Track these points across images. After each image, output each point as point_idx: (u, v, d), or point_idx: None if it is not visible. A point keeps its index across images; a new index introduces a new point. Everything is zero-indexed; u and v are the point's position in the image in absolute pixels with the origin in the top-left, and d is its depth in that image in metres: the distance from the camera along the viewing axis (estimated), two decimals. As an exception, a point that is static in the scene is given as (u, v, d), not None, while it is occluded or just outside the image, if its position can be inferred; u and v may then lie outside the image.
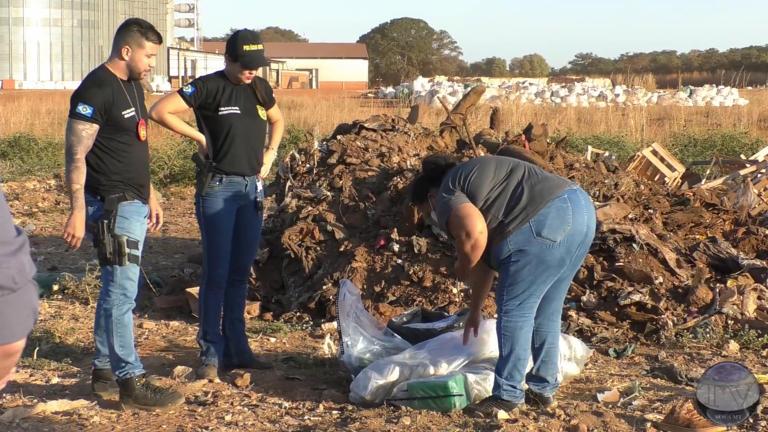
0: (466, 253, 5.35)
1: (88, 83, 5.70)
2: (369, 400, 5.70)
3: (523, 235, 5.28)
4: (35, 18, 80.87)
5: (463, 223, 5.31)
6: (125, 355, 5.74)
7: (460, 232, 5.33)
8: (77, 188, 5.55)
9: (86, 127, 5.58)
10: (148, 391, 5.75)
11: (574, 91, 57.71)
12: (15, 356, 1.82)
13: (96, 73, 5.77)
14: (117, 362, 5.75)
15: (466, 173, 5.43)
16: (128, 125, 5.73)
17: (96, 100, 5.59)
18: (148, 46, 5.74)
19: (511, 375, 5.47)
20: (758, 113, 33.59)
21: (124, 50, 5.71)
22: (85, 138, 5.57)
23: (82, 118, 5.57)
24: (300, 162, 10.01)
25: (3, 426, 5.46)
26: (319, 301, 8.13)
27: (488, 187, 5.39)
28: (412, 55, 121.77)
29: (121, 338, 5.74)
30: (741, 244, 8.60)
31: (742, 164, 14.37)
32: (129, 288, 5.74)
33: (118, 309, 5.72)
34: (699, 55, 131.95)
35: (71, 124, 5.60)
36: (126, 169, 5.73)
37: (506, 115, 26.81)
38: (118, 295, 5.71)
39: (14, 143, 21.62)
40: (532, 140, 10.09)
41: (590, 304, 7.66)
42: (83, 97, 5.60)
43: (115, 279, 5.69)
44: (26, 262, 1.79)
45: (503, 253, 5.34)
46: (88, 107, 5.57)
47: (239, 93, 6.42)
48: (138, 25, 5.79)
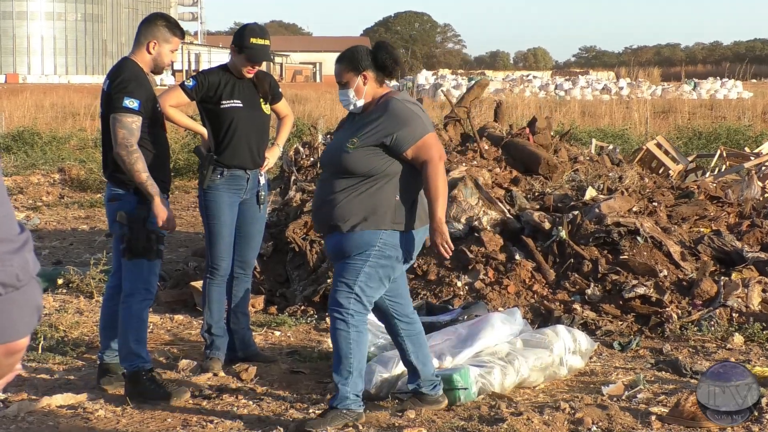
0: (442, 173, 5.11)
1: (128, 77, 5.67)
2: (374, 393, 5.70)
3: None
4: (39, 12, 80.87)
5: (438, 146, 5.17)
6: (138, 349, 5.77)
7: (435, 153, 5.11)
8: (146, 176, 5.55)
9: (135, 120, 5.60)
10: (154, 385, 5.76)
11: (578, 84, 57.67)
12: (19, 354, 1.82)
13: (130, 67, 5.76)
14: (128, 355, 5.76)
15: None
16: (159, 117, 5.82)
17: (140, 94, 5.62)
18: (174, 41, 5.81)
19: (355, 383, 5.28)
20: (762, 106, 33.55)
21: (151, 44, 5.74)
22: (135, 130, 5.59)
23: (130, 111, 5.58)
24: (304, 155, 10.01)
25: (8, 420, 5.47)
26: (324, 295, 8.13)
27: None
28: (416, 49, 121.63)
29: (137, 332, 5.76)
30: (746, 237, 8.58)
31: (746, 157, 14.34)
32: (152, 283, 5.78)
33: (138, 304, 5.74)
34: (703, 48, 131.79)
35: (120, 118, 5.58)
36: (158, 162, 5.75)
37: (510, 108, 26.77)
38: (140, 289, 5.73)
39: (18, 137, 21.62)
40: (536, 133, 10.08)
41: (595, 297, 7.65)
42: (128, 90, 5.60)
43: (141, 274, 5.71)
44: (30, 260, 1.78)
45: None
46: (135, 100, 5.59)
47: (242, 86, 6.41)
48: (165, 19, 5.84)
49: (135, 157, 5.54)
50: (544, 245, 8.14)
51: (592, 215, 8.26)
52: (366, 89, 5.22)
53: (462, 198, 8.40)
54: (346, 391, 5.17)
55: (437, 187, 5.03)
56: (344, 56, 5.31)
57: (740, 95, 49.76)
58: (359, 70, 5.21)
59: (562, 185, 9.27)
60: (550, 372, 6.08)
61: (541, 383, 6.05)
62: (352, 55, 5.27)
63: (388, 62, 5.21)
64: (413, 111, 5.15)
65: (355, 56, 5.24)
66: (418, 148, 5.07)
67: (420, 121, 5.12)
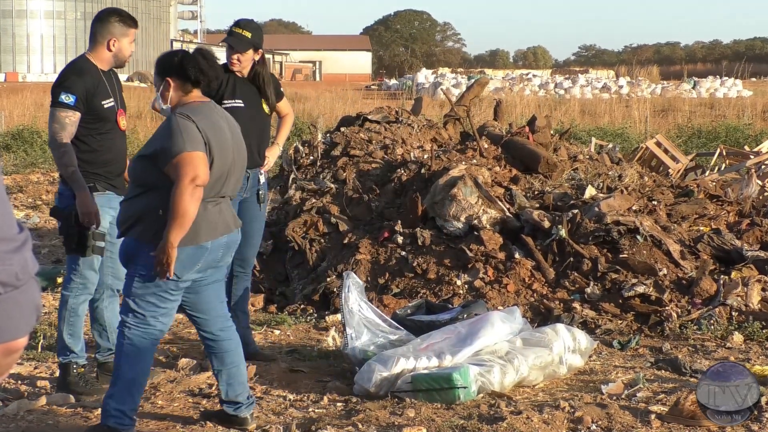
0: (187, 196, 4.68)
1: (68, 73, 5.72)
2: (373, 392, 5.70)
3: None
4: (39, 10, 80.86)
5: (193, 168, 4.73)
6: (72, 343, 5.87)
7: (185, 175, 4.71)
8: (73, 170, 5.58)
9: (69, 115, 5.62)
10: (81, 380, 5.88)
11: (578, 82, 57.64)
12: (17, 353, 1.82)
13: (76, 62, 5.81)
14: (63, 348, 5.87)
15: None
16: (108, 115, 5.78)
17: (78, 89, 5.63)
18: (131, 32, 5.86)
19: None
20: (762, 104, 33.56)
21: (111, 42, 5.76)
22: (68, 125, 5.62)
23: (65, 106, 5.61)
24: (304, 154, 10.00)
25: (8, 418, 5.47)
26: (323, 294, 8.13)
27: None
28: (415, 47, 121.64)
29: (71, 327, 5.85)
30: (745, 236, 8.58)
31: (746, 155, 14.34)
32: (90, 279, 5.82)
33: (74, 298, 5.82)
34: (703, 47, 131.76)
35: (54, 113, 5.63)
36: (100, 158, 5.75)
37: (510, 106, 26.78)
38: (77, 284, 5.80)
39: (18, 136, 21.64)
40: (536, 132, 10.08)
41: (594, 296, 7.65)
42: (65, 86, 5.63)
43: (77, 268, 5.77)
44: (29, 259, 1.78)
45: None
46: (71, 96, 5.61)
47: (243, 86, 6.42)
48: (117, 14, 5.88)
49: (62, 151, 5.58)
50: (544, 244, 8.14)
51: (592, 214, 8.26)
52: (171, 95, 4.97)
53: (461, 197, 8.40)
54: (108, 405, 4.92)
55: (177, 209, 4.65)
56: (158, 59, 5.11)
57: (740, 94, 49.74)
58: (163, 76, 5.00)
59: (561, 184, 9.27)
60: (550, 371, 6.08)
61: (541, 382, 6.05)
62: (163, 58, 5.06)
63: (191, 72, 4.93)
64: (181, 127, 4.76)
65: (164, 61, 5.03)
66: (172, 166, 4.72)
67: (180, 138, 4.72)
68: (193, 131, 4.77)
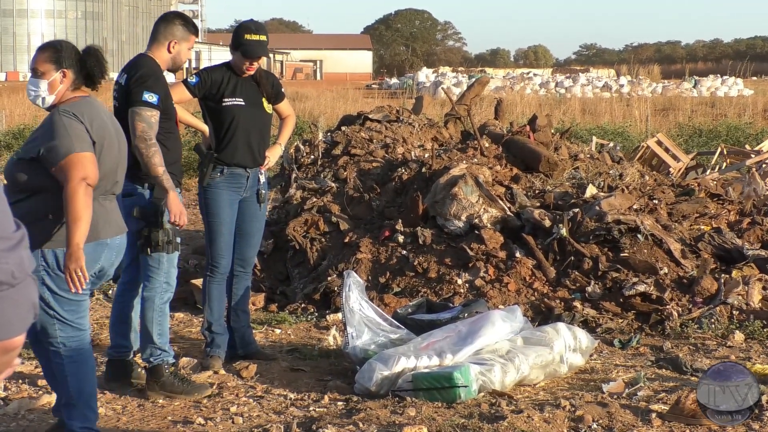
0: (80, 196, 4.49)
1: (147, 72, 5.67)
2: (374, 391, 5.70)
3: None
4: (39, 9, 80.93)
5: (84, 168, 4.55)
6: (162, 343, 5.80)
7: (75, 175, 4.52)
8: (163, 170, 5.53)
9: (154, 114, 5.60)
10: (176, 379, 5.79)
11: (579, 81, 57.63)
12: (14, 351, 1.82)
13: (149, 63, 5.77)
14: (152, 349, 5.77)
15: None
16: (173, 115, 5.85)
17: (159, 89, 5.64)
18: (191, 39, 5.88)
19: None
20: (763, 103, 33.54)
21: (172, 44, 5.77)
22: (154, 124, 5.60)
23: (150, 105, 5.58)
24: (304, 153, 10.00)
25: (9, 417, 5.47)
26: (324, 293, 8.13)
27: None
28: (416, 46, 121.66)
29: (160, 326, 5.78)
30: (746, 235, 8.58)
31: (747, 154, 14.34)
32: (173, 276, 5.79)
33: (160, 297, 5.75)
34: (704, 46, 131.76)
35: (140, 112, 5.57)
36: (172, 158, 5.77)
37: (510, 105, 26.78)
38: (161, 283, 5.74)
39: (18, 135, 21.64)
40: (537, 131, 10.07)
41: (595, 295, 7.65)
42: (147, 85, 5.61)
43: (161, 267, 5.70)
44: (25, 257, 1.78)
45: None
46: (154, 95, 5.60)
47: (244, 85, 6.41)
48: (182, 18, 5.90)
49: (153, 151, 5.53)
50: (545, 243, 8.14)
51: (593, 213, 8.26)
52: (61, 88, 4.75)
53: (462, 196, 8.40)
54: (74, 427, 4.77)
55: (74, 210, 4.44)
56: (50, 45, 4.86)
57: (741, 92, 49.70)
58: (61, 65, 4.74)
59: (562, 183, 9.26)
60: (551, 369, 6.08)
61: (542, 381, 6.04)
62: (60, 46, 4.82)
63: (95, 70, 4.78)
64: (68, 126, 4.58)
65: (62, 50, 4.78)
66: (60, 168, 4.51)
67: (68, 139, 4.54)
68: (80, 131, 4.60)
